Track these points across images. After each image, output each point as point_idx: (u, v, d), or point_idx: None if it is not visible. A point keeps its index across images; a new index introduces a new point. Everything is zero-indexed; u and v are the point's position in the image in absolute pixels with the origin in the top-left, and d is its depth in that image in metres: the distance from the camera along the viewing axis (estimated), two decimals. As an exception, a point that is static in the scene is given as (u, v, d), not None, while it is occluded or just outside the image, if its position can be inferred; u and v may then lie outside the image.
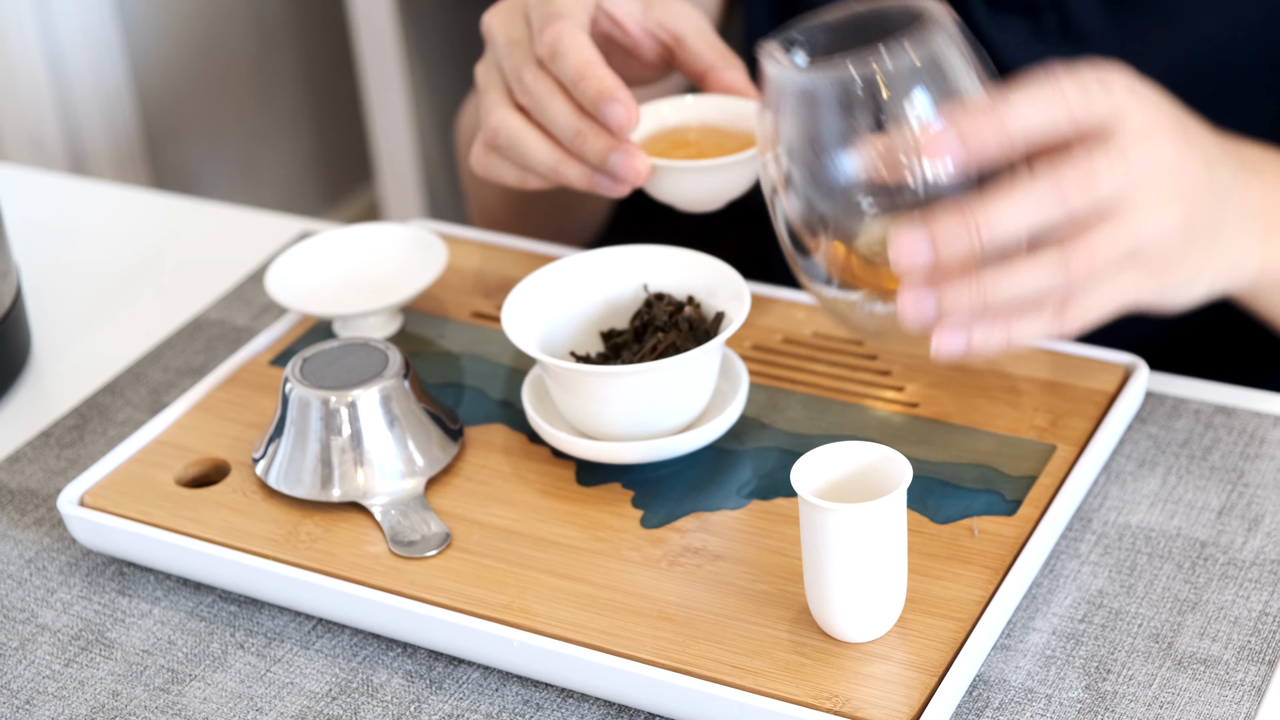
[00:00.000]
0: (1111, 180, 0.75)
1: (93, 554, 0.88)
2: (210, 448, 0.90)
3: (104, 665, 0.82)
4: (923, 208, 0.76)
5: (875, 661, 0.75)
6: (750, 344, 0.94)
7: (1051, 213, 0.74)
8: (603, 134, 0.91)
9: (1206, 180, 0.80)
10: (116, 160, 2.13)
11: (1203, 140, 0.82)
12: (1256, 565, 0.82)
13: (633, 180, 0.91)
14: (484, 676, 0.80)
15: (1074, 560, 0.83)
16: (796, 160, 0.79)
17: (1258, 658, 0.78)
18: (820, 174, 0.79)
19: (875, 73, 0.76)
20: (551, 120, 0.92)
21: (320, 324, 0.98)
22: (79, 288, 1.09)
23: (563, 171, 0.93)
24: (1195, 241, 0.80)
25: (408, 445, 0.86)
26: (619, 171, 0.91)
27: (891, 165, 0.77)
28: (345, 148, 2.49)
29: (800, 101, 0.78)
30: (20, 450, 0.95)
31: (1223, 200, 0.82)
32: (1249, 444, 0.89)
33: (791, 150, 0.79)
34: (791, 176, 0.80)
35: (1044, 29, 1.13)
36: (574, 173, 0.92)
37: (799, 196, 0.80)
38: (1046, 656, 0.79)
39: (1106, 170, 0.75)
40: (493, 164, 0.95)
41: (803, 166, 0.79)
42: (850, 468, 0.76)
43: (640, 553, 0.82)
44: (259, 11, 2.31)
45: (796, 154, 0.79)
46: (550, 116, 0.92)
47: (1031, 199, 0.74)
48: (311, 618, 0.84)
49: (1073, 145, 0.76)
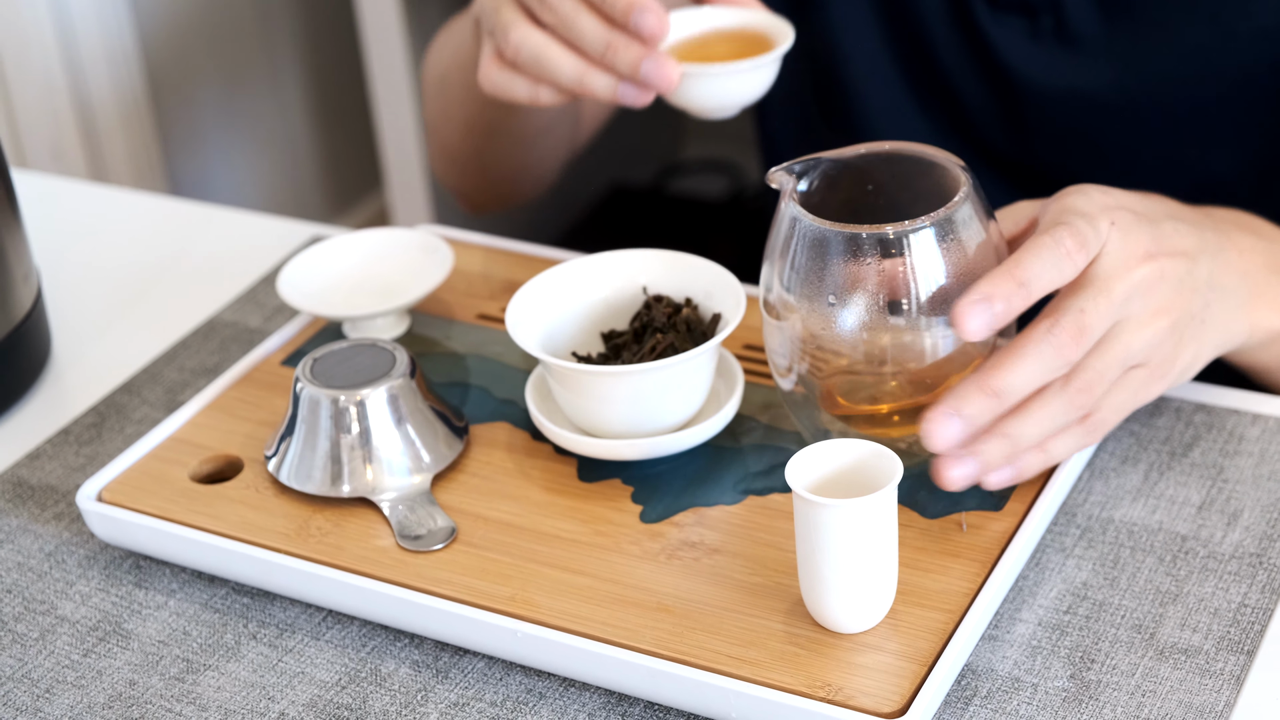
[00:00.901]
0: (1102, 323, 0.80)
1: (110, 548, 0.88)
2: (224, 445, 0.90)
3: (121, 655, 0.82)
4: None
5: (867, 652, 0.75)
6: (745, 344, 0.94)
7: (1056, 367, 0.79)
8: (634, 44, 0.92)
9: (1188, 280, 0.84)
10: (134, 169, 2.13)
11: (1178, 234, 0.85)
12: (1235, 558, 0.82)
13: (665, 87, 0.94)
14: (488, 666, 0.80)
15: (1059, 554, 0.83)
16: (800, 295, 0.80)
17: (1237, 648, 0.78)
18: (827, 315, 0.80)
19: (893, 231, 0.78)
20: (580, 34, 0.93)
21: (330, 325, 0.98)
22: (98, 290, 1.09)
23: (588, 83, 0.94)
24: (1186, 336, 0.84)
25: (415, 443, 0.86)
26: (651, 79, 0.93)
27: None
28: (355, 156, 2.49)
29: (815, 247, 0.79)
30: (40, 447, 0.95)
31: (1206, 290, 0.85)
32: (1228, 441, 0.89)
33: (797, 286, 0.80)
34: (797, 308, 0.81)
35: (1041, 30, 1.13)
36: (600, 83, 0.94)
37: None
38: (1032, 647, 0.79)
39: (1096, 316, 0.80)
40: (505, 80, 0.97)
41: (807, 302, 0.80)
42: (843, 464, 0.76)
43: (640, 546, 0.82)
44: (270, 27, 2.31)
45: (802, 290, 0.80)
46: (579, 31, 0.93)
47: (1037, 361, 0.79)
48: (321, 609, 0.84)
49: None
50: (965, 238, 0.79)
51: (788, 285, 0.80)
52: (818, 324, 0.80)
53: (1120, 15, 1.11)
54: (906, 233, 0.78)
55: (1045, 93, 1.14)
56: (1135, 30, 1.11)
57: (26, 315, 0.99)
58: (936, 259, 0.78)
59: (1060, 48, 1.13)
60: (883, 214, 0.82)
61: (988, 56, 1.15)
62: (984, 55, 1.15)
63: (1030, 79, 1.14)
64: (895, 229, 0.78)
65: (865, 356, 0.81)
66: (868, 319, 0.79)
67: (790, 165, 0.80)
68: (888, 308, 0.79)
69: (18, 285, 0.98)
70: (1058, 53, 1.13)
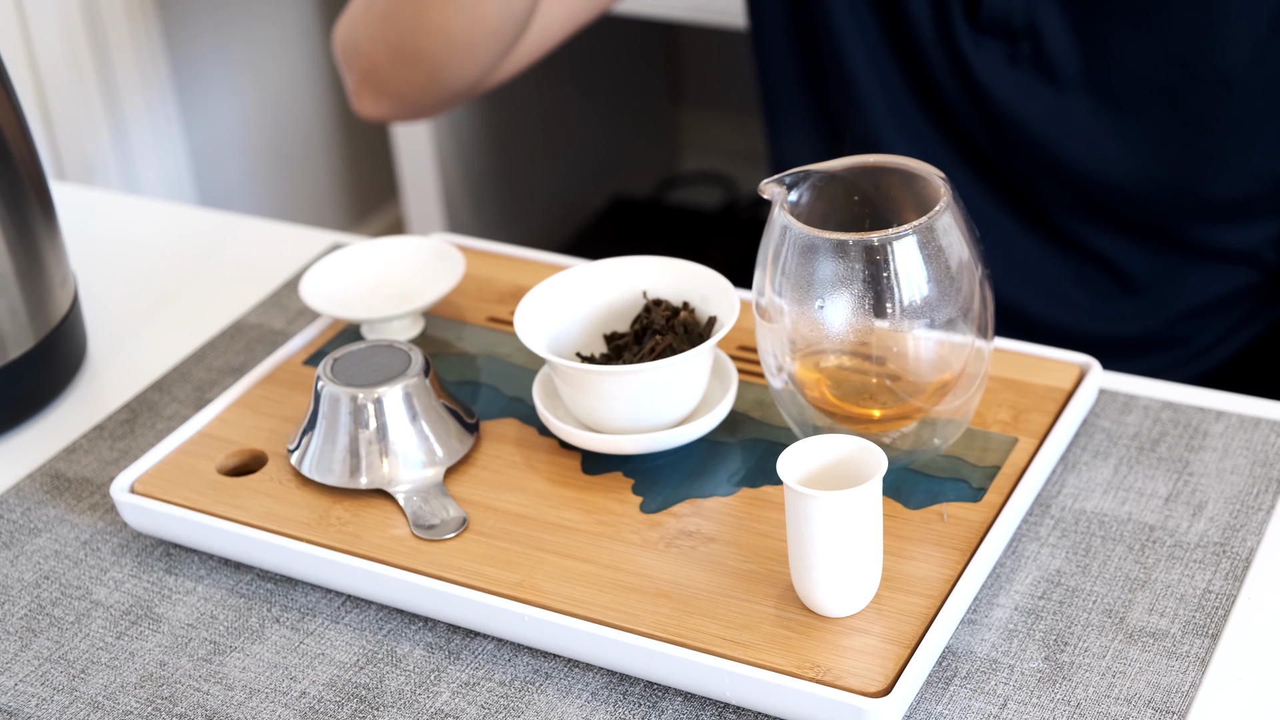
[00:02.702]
0: None
1: (142, 537, 0.88)
2: (249, 440, 0.90)
3: (152, 638, 0.82)
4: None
5: (854, 634, 0.75)
6: (739, 345, 0.94)
7: None
8: None
9: None
10: (164, 181, 2.13)
11: None
12: (1200, 547, 0.82)
13: None
14: (497, 648, 0.80)
15: (1034, 542, 0.83)
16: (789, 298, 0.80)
17: (1202, 631, 0.78)
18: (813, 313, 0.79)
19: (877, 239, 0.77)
20: None
21: (349, 327, 0.98)
22: (130, 295, 1.09)
23: None
24: None
25: (428, 437, 0.86)
26: None
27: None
28: (372, 169, 2.49)
29: (804, 252, 0.79)
30: (77, 442, 0.95)
31: None
32: (1193, 437, 0.89)
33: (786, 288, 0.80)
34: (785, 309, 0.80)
35: (1019, 55, 1.12)
36: None
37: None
38: (1009, 630, 0.78)
39: None
40: None
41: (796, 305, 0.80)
42: (831, 458, 0.76)
43: (640, 535, 0.82)
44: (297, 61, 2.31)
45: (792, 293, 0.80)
46: None
47: None
48: (341, 594, 0.83)
49: None
50: (945, 245, 0.79)
51: (779, 290, 0.80)
52: (807, 326, 0.80)
53: (1097, 53, 1.10)
54: (890, 240, 0.77)
55: (1024, 119, 1.14)
56: (1109, 63, 1.11)
57: (64, 318, 0.98)
58: (918, 265, 0.78)
59: (1037, 74, 1.12)
60: (868, 223, 0.82)
61: (969, 77, 1.14)
62: (966, 76, 1.14)
63: (1008, 102, 1.14)
64: (880, 236, 0.77)
65: (851, 357, 0.81)
66: (853, 321, 0.79)
67: (781, 177, 0.80)
68: (872, 311, 0.78)
69: (55, 290, 0.98)
70: (1035, 78, 1.12)
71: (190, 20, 2.14)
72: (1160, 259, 1.19)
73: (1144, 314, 1.21)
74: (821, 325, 0.79)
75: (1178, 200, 1.14)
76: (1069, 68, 1.11)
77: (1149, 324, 1.21)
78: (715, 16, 2.00)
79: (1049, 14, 1.10)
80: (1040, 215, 1.19)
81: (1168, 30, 1.08)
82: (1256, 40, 1.08)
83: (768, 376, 0.84)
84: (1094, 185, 1.15)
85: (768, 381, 0.84)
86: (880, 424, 0.83)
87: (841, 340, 0.80)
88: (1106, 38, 1.10)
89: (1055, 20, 1.10)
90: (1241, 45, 1.08)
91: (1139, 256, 1.19)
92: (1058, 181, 1.16)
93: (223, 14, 2.19)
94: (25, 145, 0.95)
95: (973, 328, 0.80)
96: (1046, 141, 1.14)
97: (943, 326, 0.79)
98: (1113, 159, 1.13)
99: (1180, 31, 1.08)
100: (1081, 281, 1.21)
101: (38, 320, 0.96)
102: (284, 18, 2.28)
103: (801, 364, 0.82)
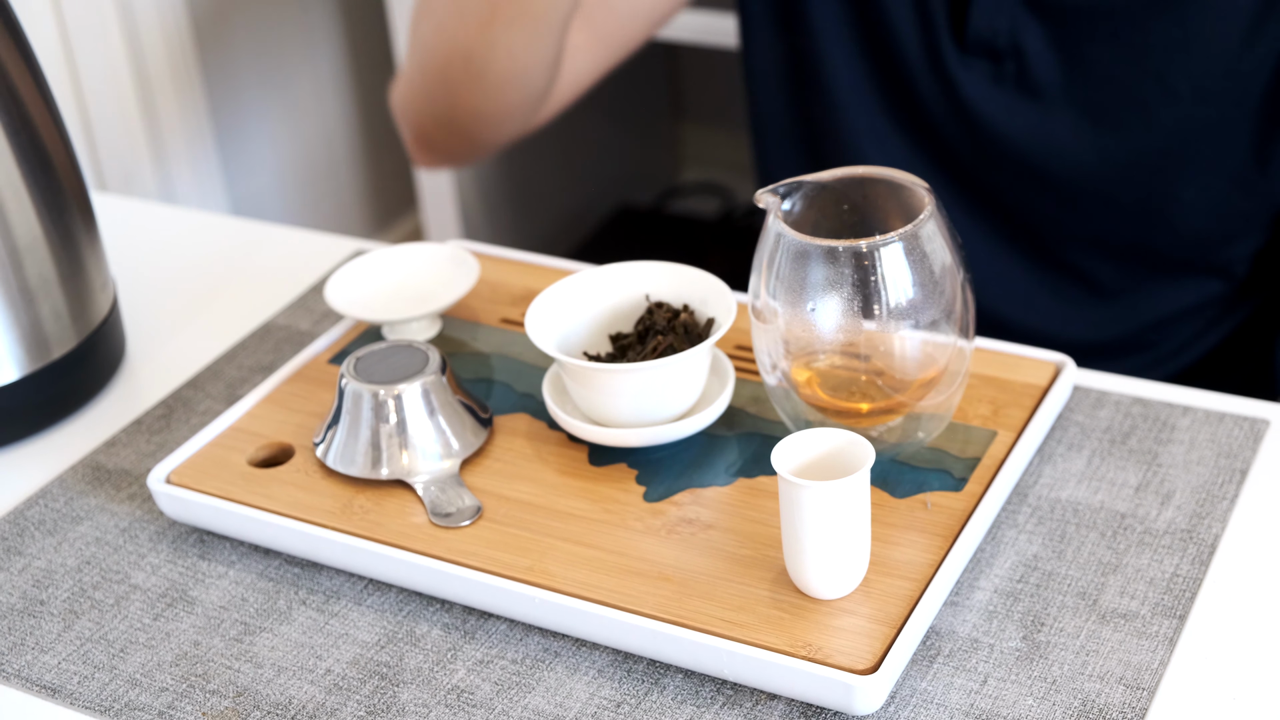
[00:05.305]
0: None
1: (177, 524, 0.88)
2: (277, 434, 0.90)
3: (187, 619, 0.82)
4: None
5: (843, 616, 0.75)
6: (736, 345, 0.93)
7: None
8: None
9: None
10: (199, 191, 2.13)
11: None
12: (1169, 534, 0.82)
13: None
14: (510, 628, 0.80)
15: (1013, 529, 0.83)
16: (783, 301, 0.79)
17: (1170, 613, 0.77)
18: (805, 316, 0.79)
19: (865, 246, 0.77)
20: None
21: (371, 328, 0.98)
22: (167, 298, 1.09)
23: None
24: None
25: (445, 431, 0.85)
26: None
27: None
28: (393, 180, 2.48)
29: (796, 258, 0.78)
30: (116, 436, 0.95)
31: None
32: (1161, 430, 0.89)
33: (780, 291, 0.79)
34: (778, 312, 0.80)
35: (1004, 75, 1.11)
36: None
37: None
38: (989, 611, 0.78)
39: None
40: None
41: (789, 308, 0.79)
42: (822, 450, 0.76)
43: (643, 523, 0.81)
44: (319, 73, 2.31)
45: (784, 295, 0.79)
46: None
47: None
48: (363, 578, 0.83)
49: None
50: (929, 251, 0.78)
51: (773, 293, 0.80)
52: (799, 327, 0.80)
53: (1079, 76, 1.10)
54: (877, 246, 0.77)
55: (1008, 136, 1.13)
56: (1090, 82, 1.10)
57: (104, 320, 0.98)
58: (904, 270, 0.78)
59: (1021, 94, 1.11)
60: (857, 230, 0.81)
61: (956, 97, 1.14)
62: (953, 96, 1.14)
63: (994, 121, 1.13)
64: (868, 243, 0.77)
65: (841, 356, 0.81)
66: (843, 322, 0.79)
67: (776, 187, 0.80)
68: (861, 313, 0.78)
69: (96, 294, 0.97)
70: (1018, 96, 1.12)
71: (227, 52, 2.14)
72: (1133, 270, 1.18)
73: (1116, 321, 1.20)
74: (813, 326, 0.79)
75: (1152, 213, 1.14)
76: (1051, 85, 1.11)
77: (1120, 330, 1.21)
78: (714, 38, 2.01)
79: (1032, 33, 1.10)
80: (1018, 228, 1.18)
81: (1144, 46, 1.08)
82: (1229, 54, 1.07)
83: (763, 374, 0.84)
84: (1071, 198, 1.15)
85: (763, 379, 0.84)
86: (868, 418, 0.83)
87: (832, 340, 0.80)
88: (1086, 54, 1.09)
89: (1038, 39, 1.10)
90: (1215, 59, 1.07)
91: (1112, 268, 1.18)
92: (1037, 195, 1.16)
93: (258, 46, 2.19)
94: (68, 159, 0.95)
95: (955, 328, 0.80)
96: (1028, 156, 1.14)
97: (927, 327, 0.79)
98: (1091, 172, 1.13)
99: (1156, 47, 1.08)
100: (1056, 292, 1.20)
101: (80, 322, 0.96)
102: (315, 48, 2.28)
103: (794, 362, 0.81)
